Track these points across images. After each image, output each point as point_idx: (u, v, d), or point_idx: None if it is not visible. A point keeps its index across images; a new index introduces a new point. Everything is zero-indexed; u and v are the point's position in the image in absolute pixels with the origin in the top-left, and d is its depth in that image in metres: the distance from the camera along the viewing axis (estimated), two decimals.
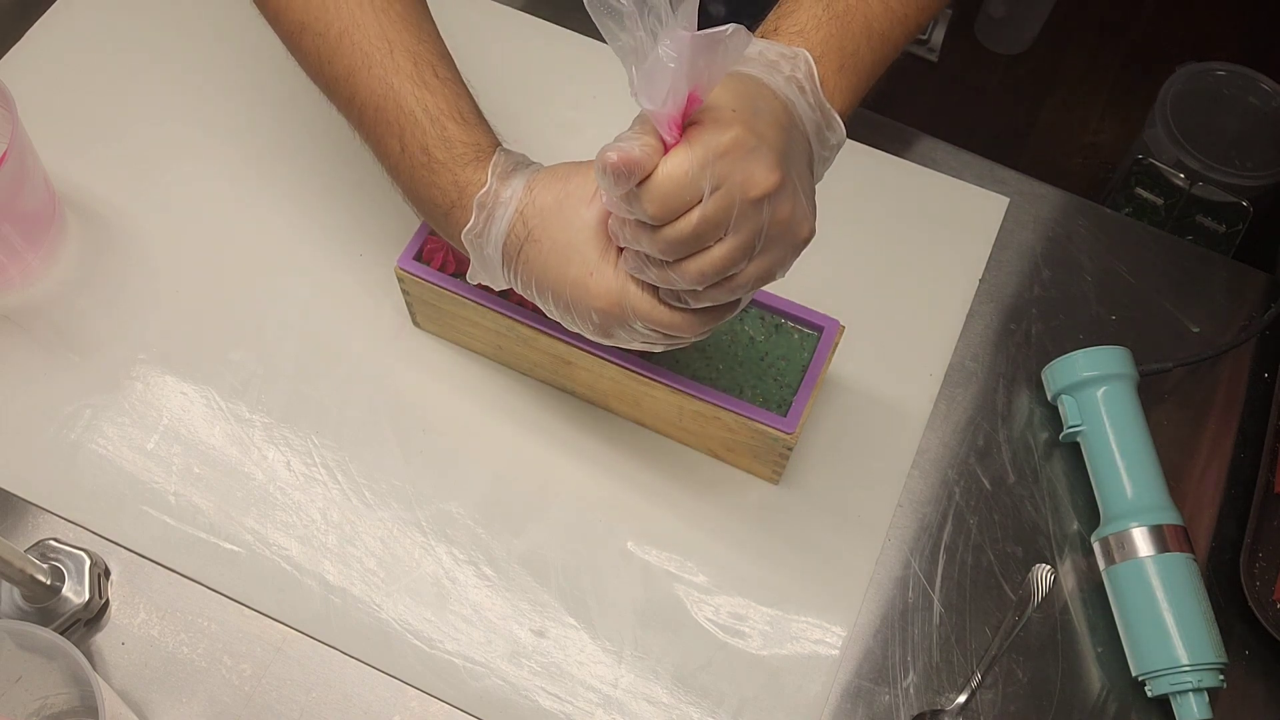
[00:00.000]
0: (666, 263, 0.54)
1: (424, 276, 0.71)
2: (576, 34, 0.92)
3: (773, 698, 0.69)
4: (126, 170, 0.85)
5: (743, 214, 0.52)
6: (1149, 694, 0.68)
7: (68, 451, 0.74)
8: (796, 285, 0.75)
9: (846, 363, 0.78)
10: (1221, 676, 0.67)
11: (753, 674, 0.70)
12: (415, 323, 0.79)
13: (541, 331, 0.70)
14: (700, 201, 0.52)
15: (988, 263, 0.84)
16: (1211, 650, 0.67)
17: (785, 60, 0.59)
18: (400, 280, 0.73)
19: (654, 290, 0.57)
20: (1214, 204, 1.51)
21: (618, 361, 0.69)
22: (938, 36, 1.99)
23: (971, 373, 0.80)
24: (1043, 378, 0.78)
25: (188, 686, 0.68)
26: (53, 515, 0.73)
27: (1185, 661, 0.66)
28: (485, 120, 0.65)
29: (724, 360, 0.71)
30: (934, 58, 2.00)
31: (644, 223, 0.53)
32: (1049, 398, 0.77)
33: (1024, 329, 0.82)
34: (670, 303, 0.57)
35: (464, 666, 0.69)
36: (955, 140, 0.89)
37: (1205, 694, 0.67)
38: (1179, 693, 0.67)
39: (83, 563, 0.69)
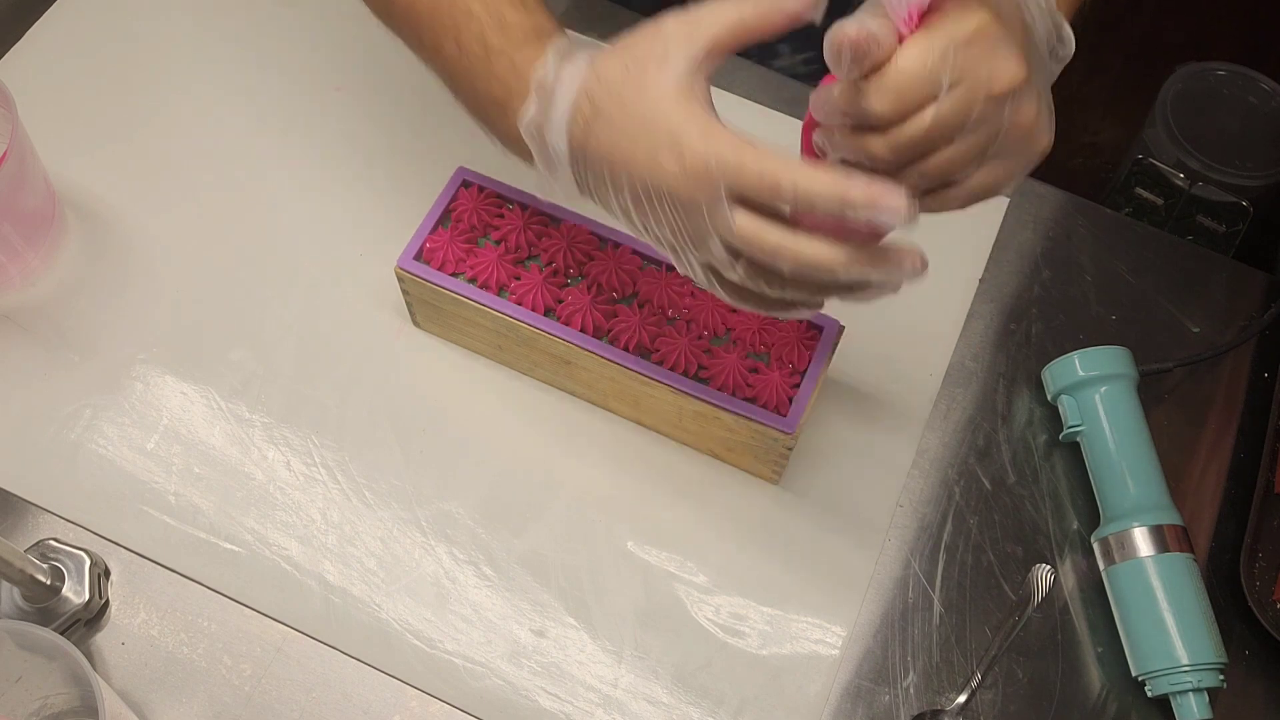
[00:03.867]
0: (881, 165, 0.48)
1: (424, 276, 0.71)
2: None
3: (773, 698, 0.69)
4: (127, 170, 0.85)
5: (984, 113, 0.47)
6: (1149, 694, 0.68)
7: (68, 451, 0.74)
8: None
9: (846, 363, 0.78)
10: (1221, 676, 0.67)
11: (753, 674, 0.70)
12: (415, 323, 0.79)
13: (542, 331, 0.70)
14: (936, 98, 0.46)
15: (988, 263, 0.84)
16: (1211, 650, 0.67)
17: None
18: (400, 280, 0.73)
19: (754, 152, 0.47)
20: (1214, 204, 1.51)
21: (618, 361, 0.69)
22: None
23: (971, 373, 0.80)
24: (1043, 378, 0.78)
25: (188, 686, 0.68)
26: (53, 515, 0.73)
27: (1185, 661, 0.66)
28: (548, 9, 0.59)
29: None
30: None
31: (860, 126, 0.47)
32: (1049, 398, 0.77)
33: (1024, 329, 0.82)
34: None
35: (464, 666, 0.69)
36: None
37: (1205, 694, 0.67)
38: (1179, 693, 0.67)
39: (83, 563, 0.69)
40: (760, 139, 0.48)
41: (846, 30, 0.44)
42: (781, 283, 0.51)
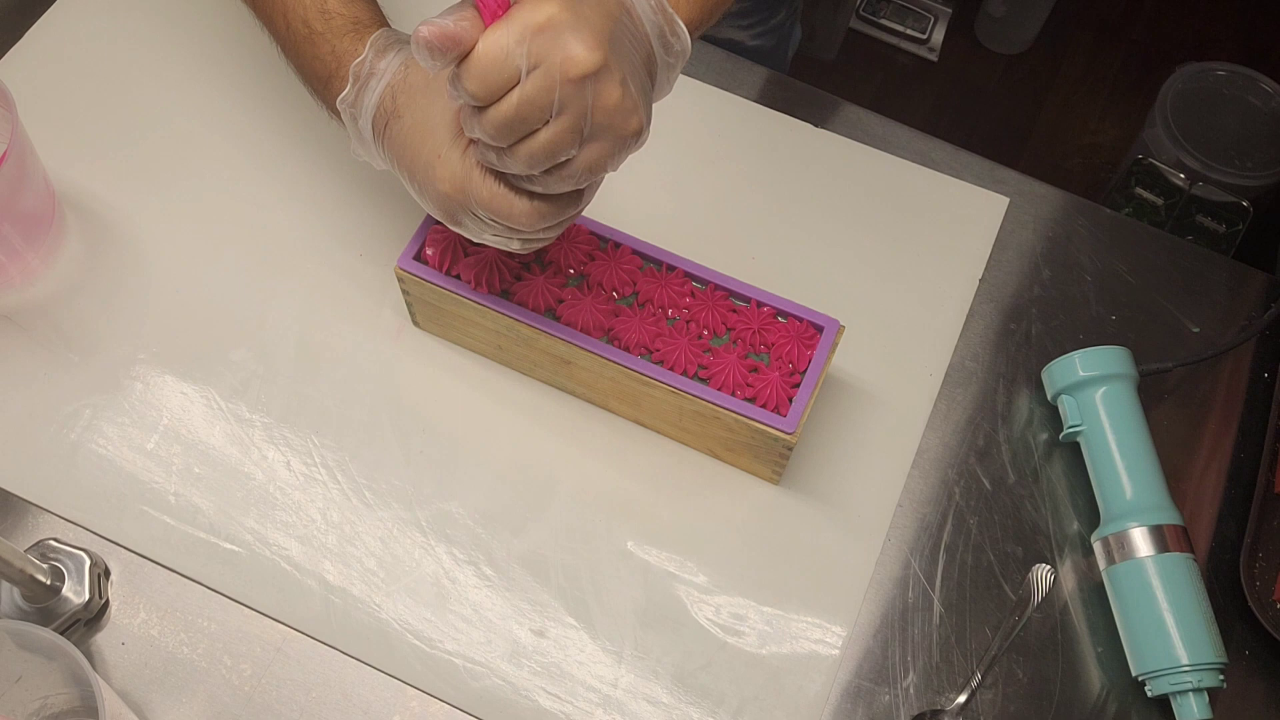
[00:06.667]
0: (502, 149, 0.55)
1: (424, 276, 0.71)
2: None
3: (773, 698, 0.69)
4: (126, 170, 0.85)
5: (565, 95, 0.53)
6: (1149, 694, 0.68)
7: (68, 451, 0.74)
8: (797, 285, 0.75)
9: (846, 363, 0.78)
10: (1221, 676, 0.67)
11: (753, 674, 0.70)
12: (415, 323, 0.79)
13: (542, 331, 0.70)
14: (519, 80, 0.52)
15: (988, 263, 0.84)
16: (1211, 650, 0.67)
17: None
18: (400, 280, 0.73)
19: (497, 180, 0.58)
20: (1214, 204, 1.51)
21: (618, 361, 0.69)
22: (938, 36, 1.99)
23: (971, 373, 0.80)
24: (1042, 378, 0.78)
25: (188, 686, 0.68)
26: (53, 515, 0.73)
27: (1185, 661, 0.66)
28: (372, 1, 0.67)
29: None
30: (934, 58, 2.00)
31: (474, 106, 0.54)
32: (1049, 398, 0.77)
33: (1024, 329, 0.82)
34: (511, 193, 0.58)
35: (464, 666, 0.69)
36: (955, 140, 0.89)
37: (1205, 694, 0.67)
38: (1179, 693, 0.67)
39: (83, 563, 0.69)
40: None
41: (421, 32, 0.52)
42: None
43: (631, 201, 0.83)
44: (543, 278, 0.71)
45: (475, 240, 0.63)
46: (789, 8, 1.14)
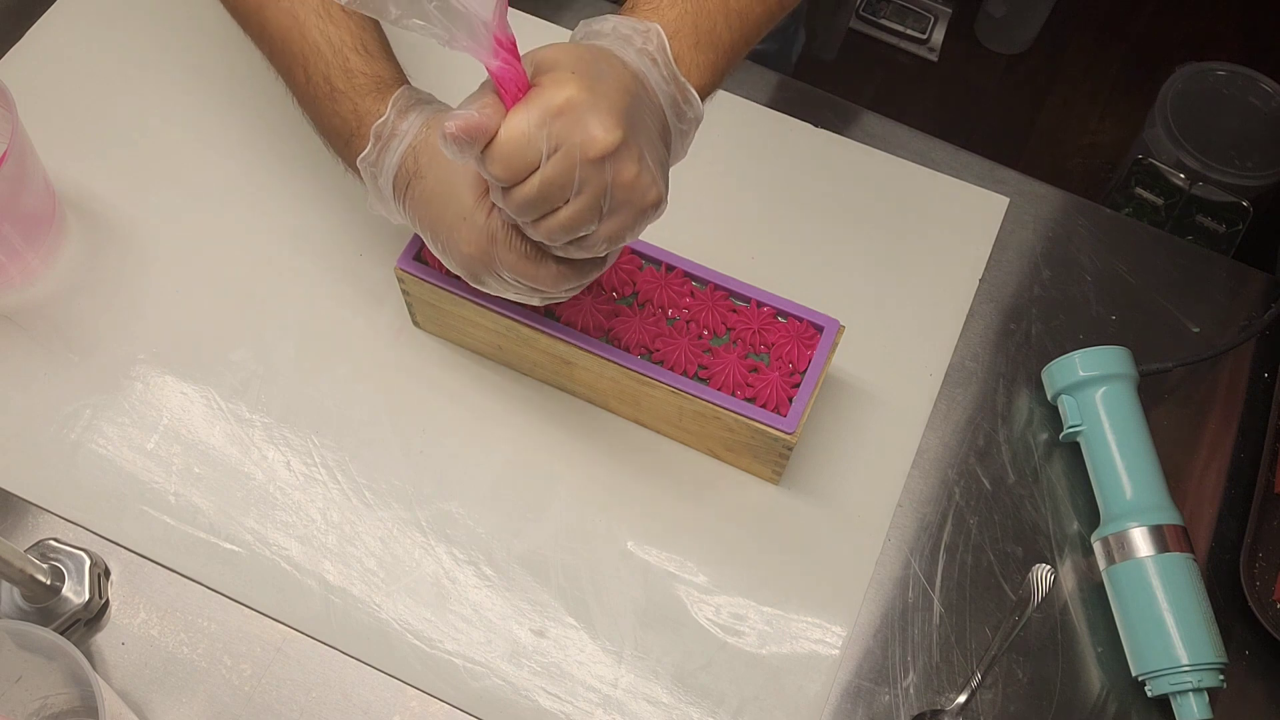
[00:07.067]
0: (525, 222, 0.56)
1: (424, 276, 0.71)
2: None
3: (773, 698, 0.69)
4: (127, 170, 0.85)
5: (585, 175, 0.53)
6: (1149, 694, 0.68)
7: (68, 451, 0.74)
8: (797, 285, 0.75)
9: (846, 363, 0.78)
10: (1221, 676, 0.67)
11: (753, 674, 0.70)
12: (415, 323, 0.79)
13: (542, 332, 0.70)
14: (539, 162, 0.52)
15: (988, 263, 0.84)
16: (1211, 650, 0.67)
17: (637, 34, 0.60)
18: (400, 280, 0.73)
19: (523, 244, 0.58)
20: (1214, 204, 1.51)
21: (618, 361, 0.69)
22: (938, 36, 1.99)
23: (971, 373, 0.80)
24: (1042, 378, 0.78)
25: (188, 686, 0.68)
26: (53, 515, 0.73)
27: (1185, 661, 0.66)
28: (392, 55, 0.66)
29: None
30: (934, 58, 2.00)
31: (499, 187, 0.55)
32: (1049, 398, 0.77)
33: (1024, 329, 0.82)
34: (535, 256, 0.58)
35: (464, 666, 0.69)
36: (955, 140, 0.89)
37: (1205, 694, 0.67)
38: (1179, 693, 0.67)
39: (83, 563, 0.69)
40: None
41: (446, 126, 0.52)
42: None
43: None
44: None
45: (500, 295, 0.63)
46: (793, 13, 1.14)
